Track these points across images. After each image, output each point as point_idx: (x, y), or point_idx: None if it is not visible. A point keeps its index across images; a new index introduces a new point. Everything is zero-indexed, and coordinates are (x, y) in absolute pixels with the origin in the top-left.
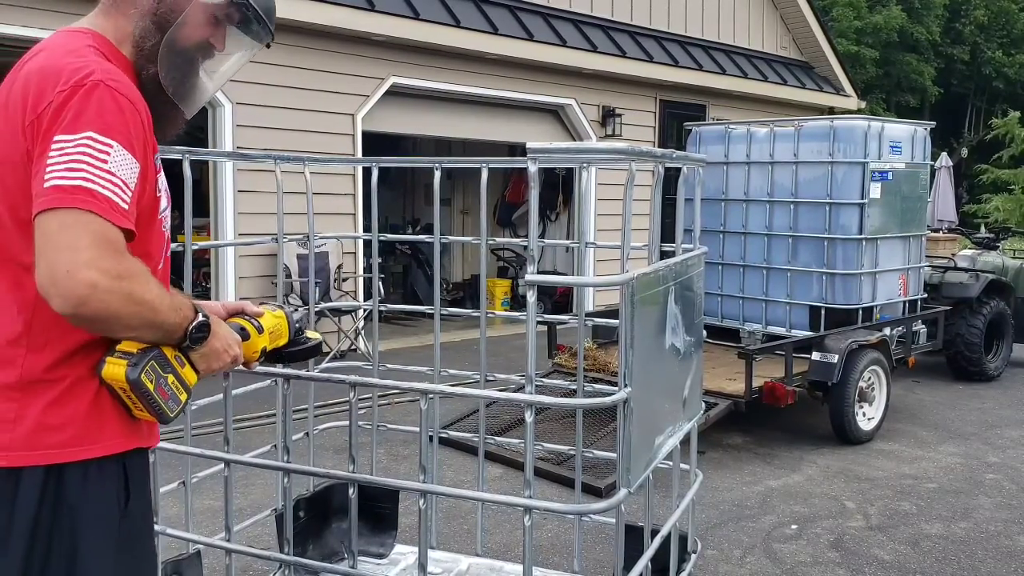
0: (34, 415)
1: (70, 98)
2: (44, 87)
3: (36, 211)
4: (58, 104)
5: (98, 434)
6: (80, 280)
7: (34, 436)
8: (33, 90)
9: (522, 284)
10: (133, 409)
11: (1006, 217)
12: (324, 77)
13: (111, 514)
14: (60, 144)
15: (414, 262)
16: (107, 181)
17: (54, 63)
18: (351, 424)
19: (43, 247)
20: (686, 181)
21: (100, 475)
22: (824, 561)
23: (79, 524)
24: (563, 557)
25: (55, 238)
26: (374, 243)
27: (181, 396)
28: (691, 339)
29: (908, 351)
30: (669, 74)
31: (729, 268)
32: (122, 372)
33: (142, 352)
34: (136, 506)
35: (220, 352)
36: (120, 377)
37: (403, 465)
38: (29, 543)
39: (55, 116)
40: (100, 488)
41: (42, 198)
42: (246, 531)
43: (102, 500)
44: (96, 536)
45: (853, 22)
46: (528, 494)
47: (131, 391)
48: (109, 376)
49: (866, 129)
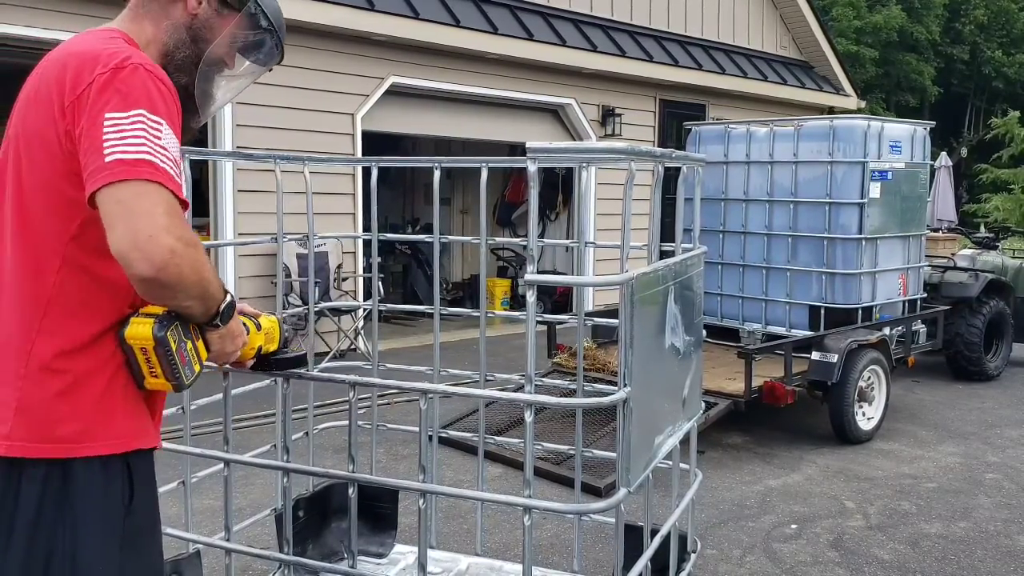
0: (41, 405)
1: (113, 79)
2: (82, 69)
3: (101, 184)
4: (101, 84)
5: (105, 431)
6: (162, 245)
7: (41, 427)
8: (71, 72)
9: (522, 284)
10: (147, 375)
11: (1006, 217)
12: (324, 77)
13: (115, 512)
14: (114, 120)
15: (414, 262)
16: (164, 156)
17: (91, 48)
18: (350, 424)
19: (119, 214)
20: (685, 181)
21: (105, 473)
22: (824, 561)
23: (81, 521)
24: (563, 556)
25: (131, 204)
26: (374, 243)
27: (195, 366)
28: (691, 339)
29: (908, 351)
30: (669, 74)
31: (729, 268)
32: (149, 329)
33: (167, 314)
34: (140, 503)
35: (235, 335)
36: (147, 334)
37: (403, 464)
38: (31, 537)
39: (99, 95)
40: (104, 485)
41: (106, 171)
42: (246, 531)
43: (106, 497)
44: (98, 533)
45: (853, 22)
46: (528, 494)
47: (154, 349)
48: (133, 334)
49: (866, 129)
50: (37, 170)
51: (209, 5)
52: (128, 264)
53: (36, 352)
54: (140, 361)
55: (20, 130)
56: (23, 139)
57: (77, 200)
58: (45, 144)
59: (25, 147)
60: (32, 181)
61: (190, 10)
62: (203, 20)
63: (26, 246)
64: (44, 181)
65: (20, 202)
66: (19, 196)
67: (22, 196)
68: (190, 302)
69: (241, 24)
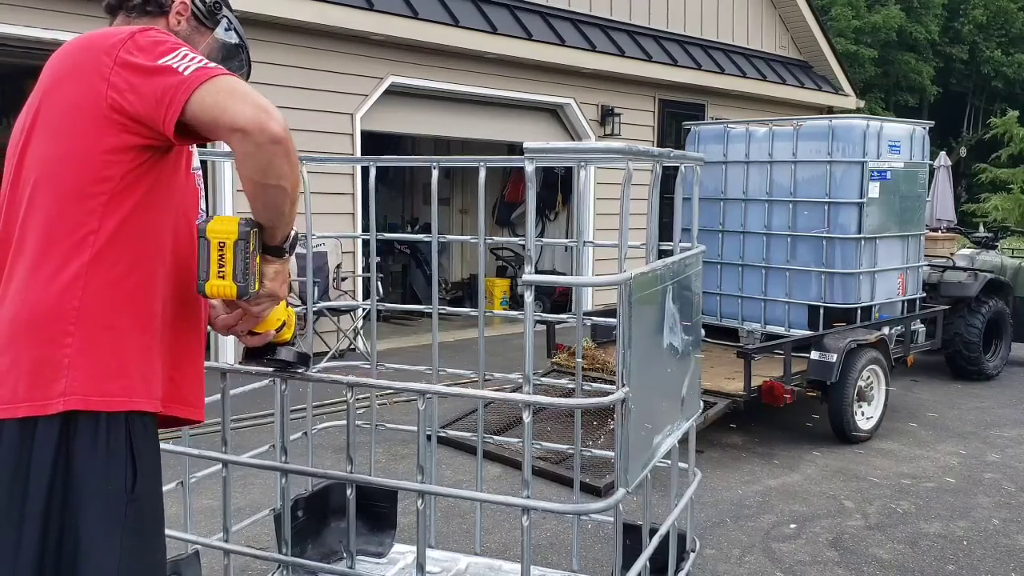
0: (95, 360)
1: (143, 38)
2: (112, 42)
3: (193, 87)
4: (135, 44)
5: (103, 385)
6: (279, 113)
7: (93, 382)
8: (102, 45)
9: (520, 283)
10: (213, 276)
11: (1005, 216)
12: (323, 76)
13: (117, 496)
14: (170, 57)
15: (413, 261)
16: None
17: (104, 31)
18: (349, 424)
19: (228, 97)
20: (684, 180)
21: (107, 437)
22: (823, 560)
23: (84, 499)
24: (562, 556)
25: (235, 87)
26: (372, 242)
27: (256, 284)
28: (689, 338)
29: (907, 350)
30: (668, 73)
31: (728, 267)
32: (235, 224)
33: (250, 219)
34: (144, 489)
35: (285, 278)
36: (232, 229)
37: (401, 464)
38: (44, 511)
39: (141, 51)
40: (106, 456)
41: (190, 80)
42: (244, 531)
43: (107, 473)
44: (100, 519)
45: (852, 21)
46: (526, 494)
47: (233, 244)
48: (215, 228)
49: (865, 128)
50: (78, 139)
51: (188, 22)
52: (260, 125)
53: (83, 309)
54: (212, 259)
55: (40, 118)
56: (47, 123)
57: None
58: (81, 112)
59: (56, 122)
60: (65, 148)
61: (171, 25)
62: (184, 35)
63: (60, 206)
64: (82, 147)
65: (48, 170)
66: (46, 166)
67: (50, 166)
68: (289, 185)
69: (215, 40)
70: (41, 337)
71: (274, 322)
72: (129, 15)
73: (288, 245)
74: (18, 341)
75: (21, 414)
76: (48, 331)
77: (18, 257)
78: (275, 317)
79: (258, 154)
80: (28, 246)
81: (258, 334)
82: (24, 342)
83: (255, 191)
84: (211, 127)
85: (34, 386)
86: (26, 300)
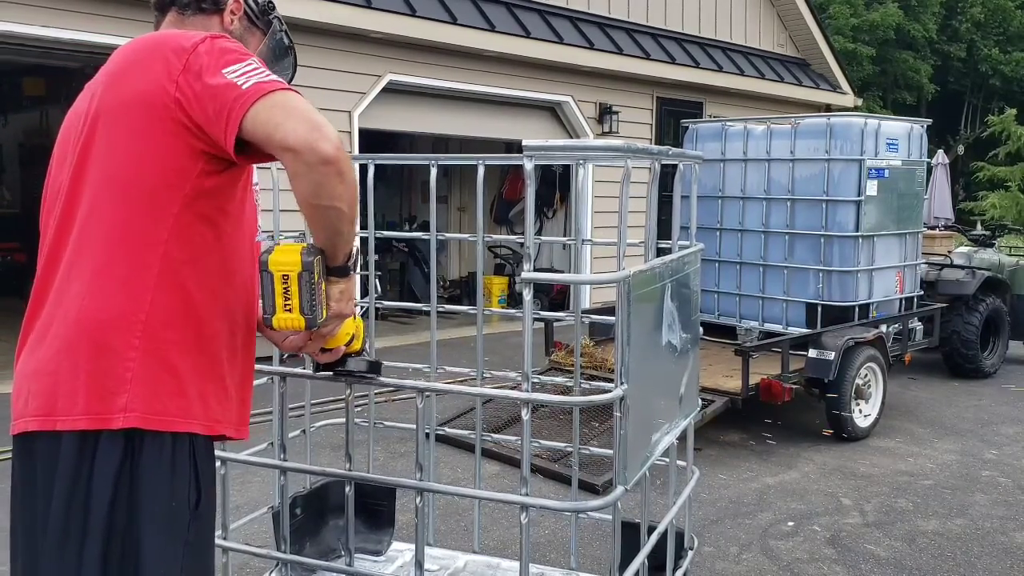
0: (155, 376)
1: (211, 46)
2: (184, 44)
3: (252, 101)
4: (205, 50)
5: (164, 404)
6: (333, 131)
7: (155, 399)
8: (171, 46)
9: (519, 281)
10: (280, 309)
11: (1002, 214)
12: (320, 74)
13: (182, 513)
14: (235, 68)
15: (411, 259)
16: (284, 83)
17: (171, 32)
18: (347, 421)
19: (282, 113)
20: (682, 178)
21: (173, 453)
22: (820, 558)
23: (148, 515)
24: (560, 554)
25: (291, 103)
26: (371, 240)
27: (323, 311)
28: (687, 336)
29: (904, 348)
30: (666, 71)
31: (726, 265)
32: (297, 255)
33: (312, 246)
34: (206, 506)
35: (350, 297)
36: (295, 260)
37: (400, 462)
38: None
39: (209, 58)
40: (171, 473)
41: (249, 93)
42: (242, 529)
43: (173, 490)
44: (163, 534)
45: (850, 19)
46: (525, 492)
47: (298, 276)
48: (278, 261)
49: (863, 126)
50: (143, 135)
51: (240, 22)
52: (311, 145)
53: (149, 323)
54: (277, 292)
55: (105, 106)
56: (112, 114)
57: (190, 162)
58: (147, 108)
59: (121, 116)
60: (133, 146)
61: (226, 25)
62: (236, 34)
63: (128, 209)
64: (150, 148)
65: (114, 167)
66: (112, 161)
67: (115, 163)
68: (345, 206)
69: (268, 41)
70: (106, 347)
71: (344, 337)
72: (183, 12)
73: (352, 263)
74: (80, 346)
75: (82, 426)
76: (113, 342)
77: (79, 254)
78: (344, 332)
79: (309, 175)
80: (91, 244)
81: (329, 350)
82: (87, 349)
83: (311, 213)
84: (264, 144)
85: (95, 397)
86: (90, 305)
